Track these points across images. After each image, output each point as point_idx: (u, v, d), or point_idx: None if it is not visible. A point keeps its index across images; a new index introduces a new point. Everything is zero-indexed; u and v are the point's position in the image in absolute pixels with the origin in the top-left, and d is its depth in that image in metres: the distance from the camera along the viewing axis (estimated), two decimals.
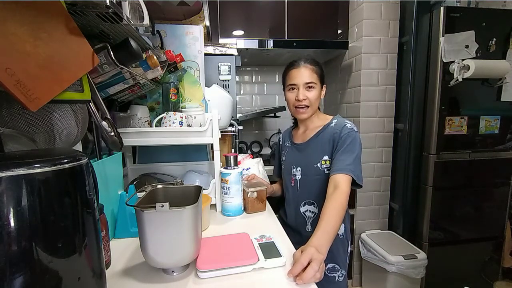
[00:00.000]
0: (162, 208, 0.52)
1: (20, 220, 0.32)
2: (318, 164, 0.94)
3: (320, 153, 0.94)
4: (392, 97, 1.65)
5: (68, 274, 0.37)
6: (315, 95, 0.95)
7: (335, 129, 0.93)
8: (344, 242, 0.97)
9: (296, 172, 1.00)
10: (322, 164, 0.93)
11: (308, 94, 0.94)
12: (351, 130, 0.90)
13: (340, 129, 0.91)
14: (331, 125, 0.95)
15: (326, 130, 0.96)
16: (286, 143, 1.10)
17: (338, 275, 0.95)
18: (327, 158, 0.93)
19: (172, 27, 1.09)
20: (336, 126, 0.94)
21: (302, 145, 1.01)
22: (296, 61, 0.97)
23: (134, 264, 0.64)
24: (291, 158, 1.04)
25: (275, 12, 1.65)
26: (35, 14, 0.44)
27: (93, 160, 0.71)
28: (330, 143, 0.92)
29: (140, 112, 1.00)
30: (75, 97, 0.54)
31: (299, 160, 1.00)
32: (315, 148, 0.96)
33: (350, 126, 0.91)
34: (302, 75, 0.94)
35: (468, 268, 1.58)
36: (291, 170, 1.02)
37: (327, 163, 0.93)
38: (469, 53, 1.38)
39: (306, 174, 0.97)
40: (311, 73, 0.94)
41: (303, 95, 0.94)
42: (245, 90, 2.09)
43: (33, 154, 0.38)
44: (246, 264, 0.60)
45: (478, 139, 1.50)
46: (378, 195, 1.72)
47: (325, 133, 0.95)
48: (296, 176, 1.00)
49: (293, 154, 1.04)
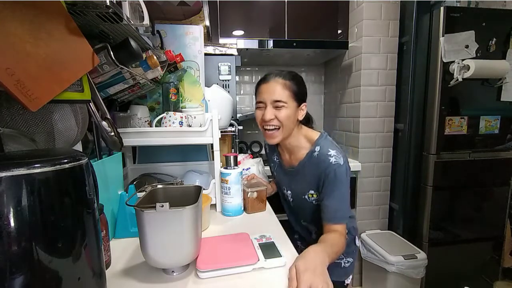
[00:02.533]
0: (162, 208, 0.52)
1: (20, 220, 0.32)
2: (305, 197, 0.91)
3: (306, 187, 0.89)
4: (392, 97, 1.65)
5: (68, 274, 0.37)
6: (286, 114, 0.81)
7: (319, 162, 0.82)
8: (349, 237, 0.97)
9: (287, 194, 1.00)
10: (309, 197, 0.90)
11: (277, 113, 0.81)
12: (337, 166, 0.79)
13: (325, 166, 0.81)
14: (314, 154, 0.85)
15: (310, 160, 0.86)
16: (273, 157, 1.04)
17: (344, 261, 0.96)
18: (313, 192, 0.89)
19: (172, 27, 1.09)
20: (319, 156, 0.83)
21: (290, 170, 0.95)
22: (268, 75, 0.85)
23: (134, 264, 0.64)
24: (281, 179, 1.01)
25: (275, 12, 1.65)
26: (35, 14, 0.44)
27: (93, 160, 0.71)
28: (316, 179, 0.84)
29: (140, 112, 1.00)
30: (75, 97, 0.54)
31: (288, 183, 0.98)
32: (301, 180, 0.90)
33: (334, 162, 0.79)
34: (270, 91, 0.81)
35: (468, 268, 1.58)
36: (282, 189, 1.02)
37: (314, 196, 0.89)
38: (469, 53, 1.38)
39: (296, 200, 0.97)
40: (282, 89, 0.81)
41: (270, 114, 0.81)
42: (245, 90, 2.09)
43: (33, 154, 0.38)
44: (246, 264, 0.60)
45: (478, 139, 1.49)
46: (378, 195, 1.72)
47: (310, 164, 0.86)
48: (288, 197, 1.00)
49: (282, 175, 1.00)
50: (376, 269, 1.53)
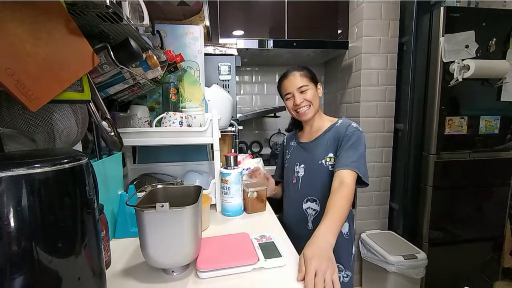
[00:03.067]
0: (162, 208, 0.52)
1: (20, 220, 0.32)
2: (323, 161, 0.95)
3: (326, 151, 0.96)
4: (392, 97, 1.65)
5: (68, 274, 0.37)
6: (312, 94, 0.98)
7: (340, 128, 0.96)
8: (349, 242, 0.97)
9: (299, 169, 1.02)
10: (327, 161, 0.95)
11: (305, 95, 0.97)
12: (356, 129, 0.92)
13: (345, 127, 0.93)
14: (336, 125, 0.98)
15: (332, 130, 0.98)
16: (291, 143, 1.12)
17: (343, 275, 0.95)
18: (332, 156, 0.94)
19: (172, 27, 1.09)
20: (341, 125, 0.96)
21: (307, 144, 1.03)
22: (285, 73, 1.02)
23: (134, 264, 0.64)
24: (296, 156, 1.07)
25: (275, 12, 1.65)
26: (35, 14, 0.44)
27: (93, 160, 0.71)
28: (335, 141, 0.94)
29: (140, 112, 1.00)
30: (75, 97, 0.54)
31: (304, 157, 1.02)
32: (321, 146, 0.98)
33: (355, 126, 0.94)
34: (293, 83, 0.98)
35: (468, 268, 1.58)
36: (294, 167, 1.04)
37: (331, 160, 0.94)
38: (469, 53, 1.38)
39: (310, 171, 0.99)
40: (301, 78, 0.98)
41: (300, 98, 0.97)
42: (245, 90, 2.09)
43: (33, 154, 0.38)
44: (246, 264, 0.60)
45: (478, 139, 1.49)
46: (378, 195, 1.72)
47: (331, 132, 0.98)
48: (298, 173, 1.01)
49: (298, 152, 1.07)
50: (376, 269, 1.53)
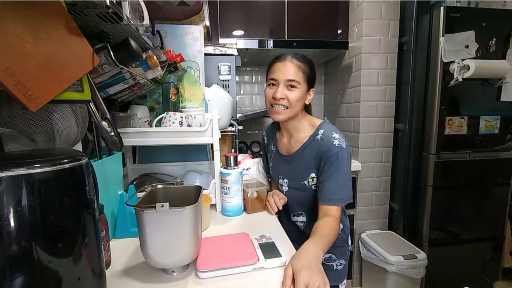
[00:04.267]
0: (162, 208, 0.52)
1: (20, 220, 0.32)
2: (305, 182, 0.89)
3: (307, 170, 0.88)
4: (392, 97, 1.65)
5: (68, 274, 0.37)
6: (297, 96, 0.83)
7: (321, 145, 0.83)
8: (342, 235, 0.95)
9: (283, 183, 0.98)
10: (309, 181, 0.88)
11: (289, 93, 0.83)
12: (339, 148, 0.80)
13: (328, 147, 0.81)
14: (317, 138, 0.86)
15: (312, 144, 0.87)
16: (271, 147, 1.04)
17: (336, 264, 0.94)
18: (314, 176, 0.87)
19: (172, 27, 1.09)
20: (322, 140, 0.84)
21: (287, 157, 0.94)
22: (283, 54, 0.86)
23: (134, 264, 0.64)
24: (277, 167, 1.00)
25: (275, 12, 1.65)
26: (35, 14, 0.44)
27: (93, 160, 0.71)
28: (317, 160, 0.85)
29: (140, 112, 1.00)
30: (75, 97, 0.54)
31: (285, 171, 0.96)
32: (301, 164, 0.89)
33: (337, 144, 0.81)
34: (285, 70, 0.82)
35: (468, 268, 1.58)
36: (278, 179, 1.00)
37: (314, 180, 0.88)
38: (469, 53, 1.38)
39: (294, 188, 0.94)
40: (296, 70, 0.82)
41: (282, 93, 0.82)
42: (245, 90, 2.09)
43: (33, 154, 0.38)
44: (246, 264, 0.60)
45: (478, 139, 1.49)
46: (378, 195, 1.72)
47: (311, 147, 0.87)
48: (283, 187, 0.98)
49: (278, 163, 1.00)
50: (376, 269, 1.53)
